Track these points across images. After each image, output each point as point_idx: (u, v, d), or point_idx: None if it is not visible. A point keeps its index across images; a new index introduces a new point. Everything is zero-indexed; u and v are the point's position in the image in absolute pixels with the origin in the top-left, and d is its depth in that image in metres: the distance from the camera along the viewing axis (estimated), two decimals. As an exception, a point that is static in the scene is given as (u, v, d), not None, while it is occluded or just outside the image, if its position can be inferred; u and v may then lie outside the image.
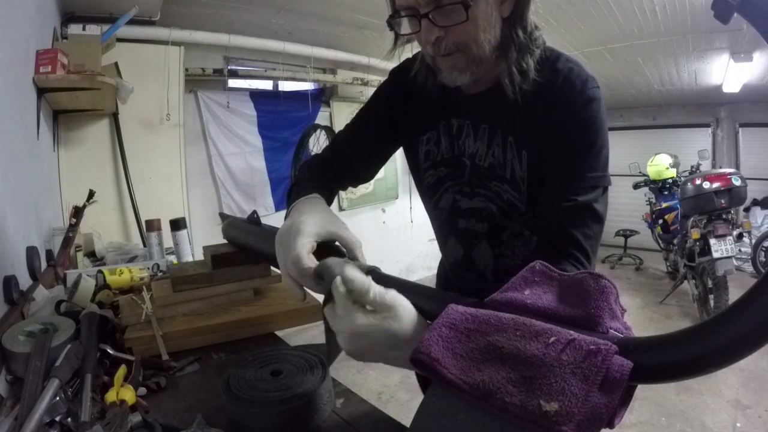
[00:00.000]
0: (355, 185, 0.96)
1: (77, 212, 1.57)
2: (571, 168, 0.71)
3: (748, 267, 4.86)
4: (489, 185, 0.81)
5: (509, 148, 0.77)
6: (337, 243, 0.65)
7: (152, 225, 1.71)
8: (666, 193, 4.73)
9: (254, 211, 0.93)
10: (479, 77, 0.75)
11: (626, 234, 5.79)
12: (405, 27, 0.73)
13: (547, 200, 0.73)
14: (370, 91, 4.34)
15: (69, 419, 0.59)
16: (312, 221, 0.63)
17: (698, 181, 3.62)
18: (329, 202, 0.81)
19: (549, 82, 0.71)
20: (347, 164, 0.91)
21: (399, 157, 1.02)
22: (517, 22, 0.70)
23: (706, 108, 5.74)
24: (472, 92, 0.80)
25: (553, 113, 0.71)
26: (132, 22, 2.39)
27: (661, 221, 4.70)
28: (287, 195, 0.81)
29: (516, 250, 0.84)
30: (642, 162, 4.96)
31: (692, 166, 4.58)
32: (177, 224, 1.66)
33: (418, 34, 0.71)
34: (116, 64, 2.29)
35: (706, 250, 3.48)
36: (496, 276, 0.86)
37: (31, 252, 1.11)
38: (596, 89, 0.71)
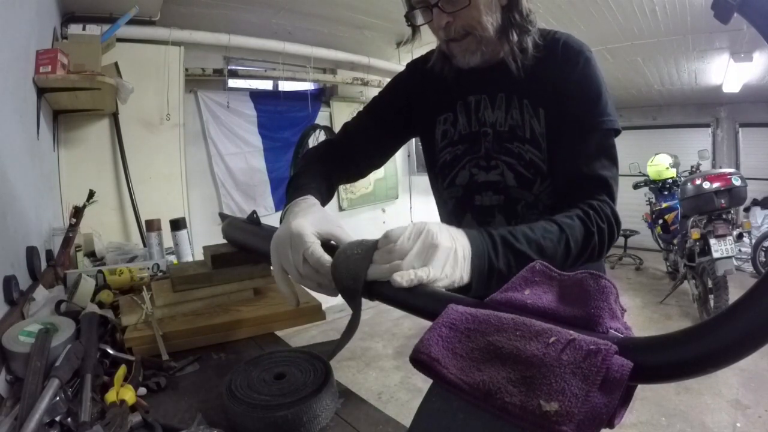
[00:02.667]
0: (360, 175, 1.00)
1: (77, 212, 1.56)
2: (585, 118, 0.80)
3: (748, 267, 4.86)
4: (511, 148, 0.87)
5: (525, 109, 0.85)
6: (332, 242, 0.66)
7: (152, 225, 1.71)
8: (666, 193, 4.73)
9: (254, 211, 0.93)
10: (488, 57, 0.86)
11: (626, 234, 5.79)
12: (419, 18, 0.84)
13: (565, 151, 0.82)
14: (370, 91, 4.35)
15: (69, 419, 0.59)
16: (307, 223, 0.65)
17: (698, 181, 3.62)
18: (328, 197, 0.86)
19: (550, 50, 0.83)
20: (358, 149, 0.96)
21: (399, 157, 1.03)
22: (513, 7, 0.82)
23: (706, 108, 5.74)
24: (483, 70, 0.88)
25: (560, 72, 0.82)
26: (132, 22, 2.39)
27: (661, 221, 4.70)
28: (287, 188, 0.84)
29: (533, 221, 0.88)
30: (642, 162, 4.96)
31: (692, 166, 4.58)
32: (177, 224, 1.66)
33: (431, 22, 0.83)
34: (116, 64, 2.29)
35: (706, 250, 3.48)
36: None
37: (31, 252, 1.11)
38: (590, 53, 0.83)
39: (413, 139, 1.08)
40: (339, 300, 0.61)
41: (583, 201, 0.74)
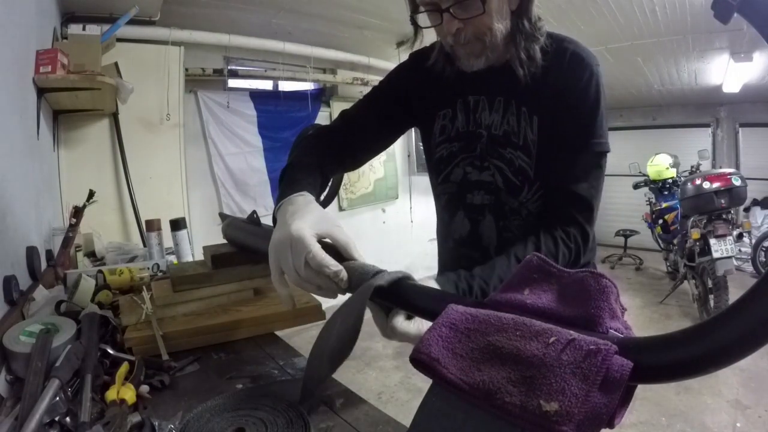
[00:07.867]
0: (357, 164, 0.99)
1: (77, 212, 1.56)
2: (579, 134, 0.81)
3: (748, 267, 4.86)
4: (503, 153, 0.87)
5: (522, 116, 0.85)
6: (328, 241, 0.66)
7: (152, 225, 1.71)
8: (666, 193, 4.73)
9: (254, 211, 0.93)
10: (492, 61, 0.84)
11: (626, 234, 5.79)
12: (426, 21, 0.82)
13: (555, 163, 0.83)
14: (370, 91, 4.36)
15: (69, 419, 0.59)
16: (306, 225, 0.64)
17: (698, 181, 3.62)
18: (322, 190, 0.85)
19: (557, 60, 0.82)
20: (355, 137, 0.95)
21: (399, 157, 1.03)
22: (523, 14, 0.80)
23: (706, 108, 5.74)
24: (486, 72, 0.87)
25: (564, 81, 0.81)
26: (132, 22, 2.39)
27: (661, 221, 4.70)
28: (280, 178, 0.81)
29: (516, 225, 0.91)
30: (642, 162, 4.96)
31: (692, 166, 4.57)
32: (177, 224, 1.66)
33: (439, 26, 0.80)
34: (116, 64, 2.29)
35: (706, 250, 3.48)
36: (499, 253, 0.88)
37: (31, 252, 1.11)
38: (598, 66, 0.82)
39: (413, 140, 1.08)
40: (339, 301, 0.61)
41: (562, 220, 0.80)
